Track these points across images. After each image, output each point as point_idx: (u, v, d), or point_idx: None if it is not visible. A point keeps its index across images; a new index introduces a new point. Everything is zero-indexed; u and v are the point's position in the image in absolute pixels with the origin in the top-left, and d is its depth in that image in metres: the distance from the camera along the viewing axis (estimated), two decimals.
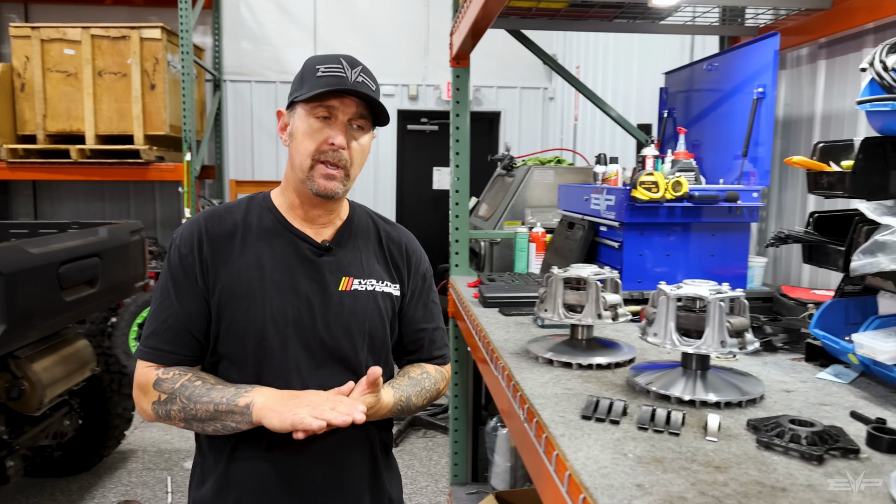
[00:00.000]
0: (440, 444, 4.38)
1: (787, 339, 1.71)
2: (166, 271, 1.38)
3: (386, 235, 1.54)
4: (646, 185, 2.04)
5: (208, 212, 1.44)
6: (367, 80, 1.36)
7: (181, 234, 1.39)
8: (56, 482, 3.74)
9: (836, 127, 2.47)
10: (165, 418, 1.31)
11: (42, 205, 7.00)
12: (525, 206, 3.84)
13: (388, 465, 1.53)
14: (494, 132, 7.34)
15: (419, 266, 1.56)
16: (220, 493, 1.37)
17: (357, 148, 1.38)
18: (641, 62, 4.60)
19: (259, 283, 1.35)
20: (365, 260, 1.46)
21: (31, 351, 2.89)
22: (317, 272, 1.40)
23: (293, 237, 1.41)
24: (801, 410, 1.24)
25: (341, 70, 1.33)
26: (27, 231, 3.89)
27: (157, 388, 1.31)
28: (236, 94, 7.02)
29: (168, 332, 1.34)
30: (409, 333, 1.53)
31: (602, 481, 0.94)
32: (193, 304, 1.34)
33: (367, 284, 1.44)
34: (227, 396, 1.26)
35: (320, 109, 1.34)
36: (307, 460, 1.36)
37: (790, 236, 1.52)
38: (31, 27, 5.62)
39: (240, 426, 1.27)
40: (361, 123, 1.38)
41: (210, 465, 1.39)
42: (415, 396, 1.45)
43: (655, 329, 1.32)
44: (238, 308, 1.34)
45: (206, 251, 1.36)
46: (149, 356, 1.35)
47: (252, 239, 1.39)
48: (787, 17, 2.69)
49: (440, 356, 1.58)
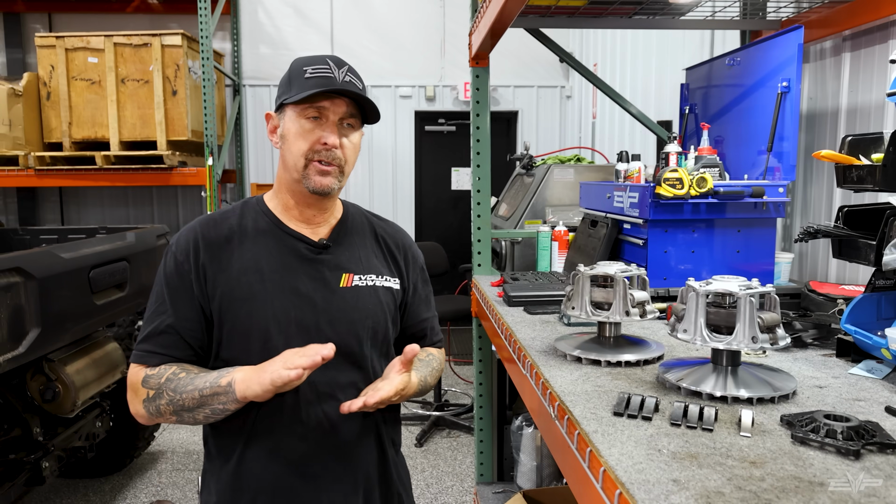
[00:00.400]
0: (464, 444, 4.39)
1: (816, 335, 1.70)
2: (161, 278, 1.39)
3: (381, 231, 1.57)
4: (670, 181, 2.04)
5: (204, 218, 1.45)
6: (355, 80, 1.38)
7: (177, 240, 1.41)
8: (89, 483, 3.81)
9: (861, 120, 2.44)
10: (157, 415, 1.32)
11: (69, 211, 7.13)
12: (546, 205, 3.85)
13: (398, 462, 1.55)
14: (512, 131, 7.33)
15: (416, 259, 1.60)
16: (232, 496, 1.37)
17: (349, 146, 1.40)
18: (660, 58, 4.58)
19: (259, 285, 1.36)
20: (363, 256, 1.49)
21: (64, 354, 2.94)
22: (316, 271, 1.41)
23: (290, 238, 1.43)
24: (835, 406, 1.24)
25: (329, 70, 1.35)
26: (57, 237, 3.97)
27: (144, 386, 1.32)
28: (255, 98, 7.09)
29: (161, 336, 1.35)
30: (412, 325, 1.58)
31: (638, 476, 0.95)
32: (188, 310, 1.36)
33: (368, 280, 1.46)
34: (210, 380, 1.27)
35: (311, 110, 1.36)
36: (319, 457, 1.37)
37: (819, 231, 1.52)
38: (56, 37, 5.72)
39: (227, 406, 1.27)
40: (352, 122, 1.41)
41: (219, 470, 1.40)
42: (429, 376, 1.51)
43: (685, 325, 1.32)
44: (239, 311, 1.35)
45: (203, 257, 1.37)
46: (139, 359, 1.36)
47: (249, 242, 1.41)
48: (810, 10, 2.66)
49: (438, 341, 1.65)
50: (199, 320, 1.36)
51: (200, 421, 1.33)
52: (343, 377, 1.39)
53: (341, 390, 1.39)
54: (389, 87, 7.07)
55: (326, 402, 1.38)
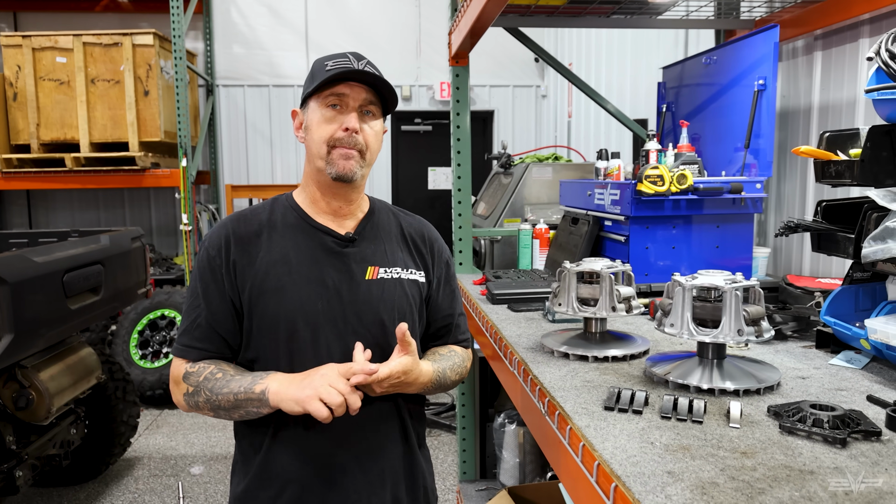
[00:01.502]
0: (445, 443, 4.39)
1: (796, 328, 1.73)
2: (195, 273, 1.44)
3: (407, 225, 1.59)
4: (651, 178, 2.06)
5: (235, 215, 1.50)
6: (374, 70, 1.41)
7: (210, 236, 1.46)
8: (63, 491, 3.73)
9: (833, 117, 2.50)
10: (196, 408, 1.38)
11: (37, 214, 6.97)
12: (524, 204, 3.86)
13: (423, 456, 1.56)
14: (488, 131, 7.36)
15: (441, 254, 1.60)
16: (262, 485, 1.40)
17: (370, 132, 1.43)
18: (635, 58, 4.63)
19: (287, 277, 1.39)
20: (388, 249, 1.51)
21: (38, 360, 2.88)
22: (343, 263, 1.44)
23: (317, 231, 1.46)
24: (819, 396, 1.26)
25: (348, 62, 1.39)
26: (27, 241, 3.88)
27: (185, 382, 1.38)
28: (229, 98, 7.01)
29: (197, 330, 1.40)
30: (437, 320, 1.57)
31: (633, 469, 0.95)
32: (220, 304, 1.40)
33: (393, 273, 1.47)
34: (244, 385, 1.31)
35: (331, 98, 1.40)
36: (346, 450, 1.40)
37: (800, 225, 1.55)
38: (23, 36, 5.59)
39: (261, 410, 1.31)
40: (372, 109, 1.44)
41: (249, 460, 1.43)
42: (449, 370, 1.50)
43: (672, 320, 1.34)
44: (268, 303, 1.38)
45: (234, 252, 1.42)
46: (179, 353, 1.41)
47: (277, 237, 1.44)
48: (783, 10, 2.71)
49: (464, 340, 1.63)
50: (230, 313, 1.40)
51: (236, 419, 1.38)
52: None
53: None
54: None
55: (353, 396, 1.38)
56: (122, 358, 5.00)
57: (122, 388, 3.74)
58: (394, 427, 1.46)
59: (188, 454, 4.23)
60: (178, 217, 6.32)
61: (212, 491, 3.71)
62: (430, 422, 4.62)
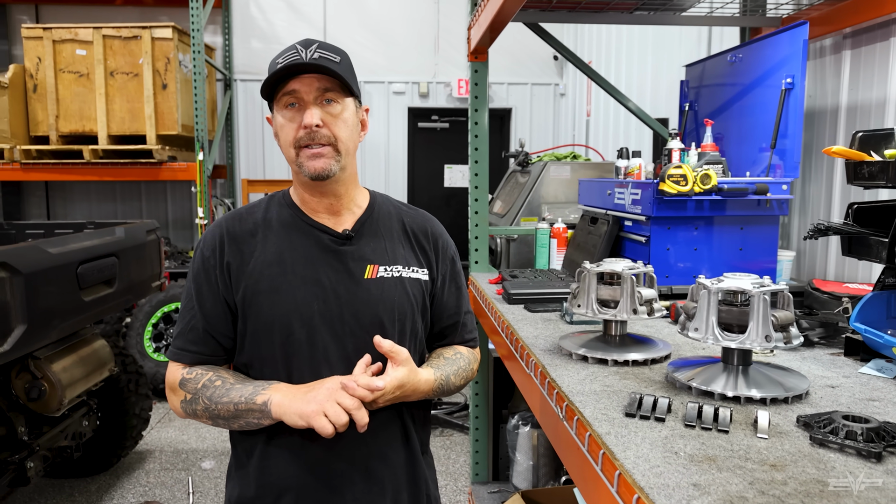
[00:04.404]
0: (457, 443, 4.36)
1: (823, 334, 1.67)
2: (190, 275, 1.40)
3: (410, 220, 1.51)
4: (674, 178, 2.01)
5: (231, 214, 1.45)
6: (326, 54, 1.32)
7: (205, 236, 1.42)
8: (75, 483, 3.74)
9: (862, 118, 2.43)
10: (193, 416, 1.34)
11: (54, 205, 7.02)
12: (541, 202, 3.82)
13: (427, 463, 1.51)
14: (505, 129, 7.30)
15: (446, 250, 1.53)
16: (256, 492, 1.35)
17: (334, 121, 1.34)
18: (656, 56, 4.56)
19: (282, 277, 1.34)
20: (389, 247, 1.44)
21: (51, 351, 2.88)
22: (340, 262, 1.38)
23: (312, 229, 1.40)
24: (850, 406, 1.21)
25: (295, 53, 1.31)
26: (43, 231, 3.90)
27: (182, 388, 1.34)
28: (247, 93, 7.01)
29: (191, 332, 1.37)
30: (442, 319, 1.51)
31: (656, 481, 0.91)
32: (214, 306, 1.36)
33: (393, 271, 1.41)
34: (245, 395, 1.27)
35: (286, 98, 1.33)
36: (345, 457, 1.34)
37: (830, 228, 1.49)
38: (44, 28, 5.62)
39: (262, 422, 1.27)
40: (331, 96, 1.34)
41: (244, 466, 1.38)
42: (453, 375, 1.44)
43: (696, 324, 1.29)
44: (263, 304, 1.34)
45: (228, 252, 1.37)
46: (175, 356, 1.38)
47: (273, 236, 1.39)
48: (811, 7, 2.64)
49: (471, 339, 1.57)
50: (224, 315, 1.36)
51: (235, 429, 1.33)
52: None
53: None
54: (382, 84, 7.02)
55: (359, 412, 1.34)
56: (135, 350, 5.01)
57: (134, 380, 3.74)
58: (395, 433, 1.39)
59: (199, 448, 4.23)
60: (194, 210, 6.35)
61: (222, 486, 3.70)
62: (443, 421, 4.59)
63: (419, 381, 1.33)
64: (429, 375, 1.37)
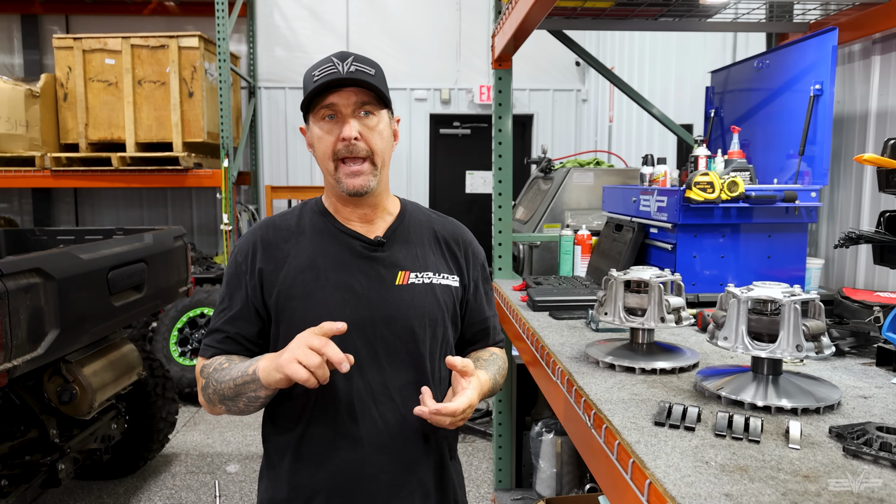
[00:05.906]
0: (479, 449, 4.35)
1: (854, 343, 1.65)
2: (224, 278, 1.45)
3: (440, 227, 1.54)
4: (701, 185, 2.00)
5: (265, 221, 1.49)
6: (362, 67, 1.35)
7: (240, 243, 1.46)
8: (103, 485, 3.80)
9: (892, 124, 2.39)
10: (210, 403, 1.37)
11: (83, 212, 7.16)
12: (564, 209, 3.81)
13: (455, 469, 1.52)
14: (527, 135, 7.30)
15: (476, 256, 1.56)
16: (287, 494, 1.38)
17: (371, 133, 1.37)
18: (680, 62, 4.53)
19: (315, 282, 1.37)
20: (420, 254, 1.46)
21: (82, 355, 2.93)
22: (371, 268, 1.41)
23: (345, 236, 1.43)
24: (884, 417, 1.20)
25: (332, 67, 1.34)
26: (74, 238, 3.97)
27: (201, 376, 1.40)
28: (271, 100, 7.09)
29: (217, 333, 1.42)
30: (474, 324, 1.54)
31: (688, 490, 0.91)
32: (243, 310, 1.41)
33: (424, 277, 1.43)
34: (241, 369, 1.30)
35: (323, 111, 1.36)
36: (375, 461, 1.36)
37: (862, 236, 1.47)
38: (74, 38, 5.74)
39: (258, 393, 1.28)
40: (368, 109, 1.37)
41: (275, 468, 1.41)
42: (498, 375, 1.49)
43: (725, 333, 1.28)
44: (295, 309, 1.37)
45: (261, 258, 1.41)
46: (202, 352, 1.44)
47: (306, 242, 1.42)
48: (839, 13, 2.62)
49: (500, 340, 1.61)
50: (251, 319, 1.40)
51: (243, 409, 1.34)
52: (400, 377, 1.37)
53: (398, 391, 1.37)
54: (405, 90, 7.06)
55: (382, 404, 1.36)
56: (161, 355, 5.08)
57: (161, 384, 3.79)
58: (425, 438, 1.41)
59: (224, 452, 4.27)
60: (219, 217, 6.43)
61: (247, 490, 3.74)
62: (465, 427, 4.58)
63: (483, 383, 1.36)
64: (484, 376, 1.40)
